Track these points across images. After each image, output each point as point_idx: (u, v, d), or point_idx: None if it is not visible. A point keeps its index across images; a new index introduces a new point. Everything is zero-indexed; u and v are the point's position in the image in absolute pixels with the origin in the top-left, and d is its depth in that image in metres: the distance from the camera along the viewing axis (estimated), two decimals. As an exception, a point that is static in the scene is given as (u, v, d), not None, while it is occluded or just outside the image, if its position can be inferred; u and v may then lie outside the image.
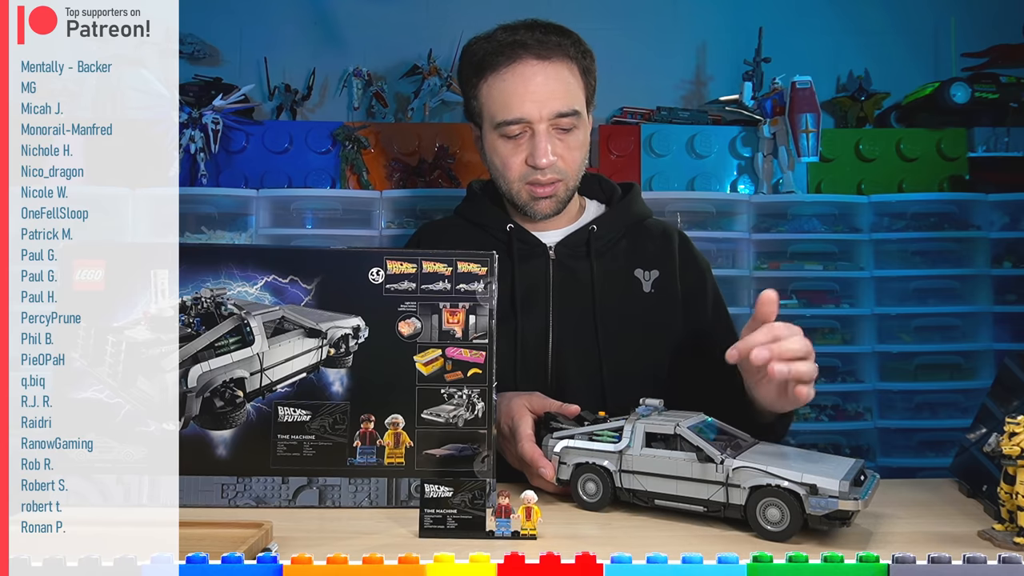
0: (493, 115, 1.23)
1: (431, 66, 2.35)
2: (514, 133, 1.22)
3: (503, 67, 1.21)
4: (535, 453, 0.99)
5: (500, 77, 1.21)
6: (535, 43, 1.20)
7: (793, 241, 2.24)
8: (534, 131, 1.21)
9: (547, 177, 1.23)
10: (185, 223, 2.14)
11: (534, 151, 1.21)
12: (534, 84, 1.20)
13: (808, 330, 1.00)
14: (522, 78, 1.20)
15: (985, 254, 2.23)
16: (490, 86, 1.23)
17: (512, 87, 1.20)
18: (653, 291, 1.30)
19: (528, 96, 1.20)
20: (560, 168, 1.24)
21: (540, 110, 1.20)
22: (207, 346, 0.96)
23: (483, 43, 1.24)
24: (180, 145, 2.12)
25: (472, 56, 1.25)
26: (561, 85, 1.21)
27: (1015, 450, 0.80)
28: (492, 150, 1.26)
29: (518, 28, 1.22)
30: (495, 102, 1.22)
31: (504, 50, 1.21)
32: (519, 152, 1.23)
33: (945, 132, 2.33)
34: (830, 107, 2.46)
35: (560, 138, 1.23)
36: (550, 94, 1.20)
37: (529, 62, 1.20)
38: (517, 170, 1.24)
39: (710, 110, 2.38)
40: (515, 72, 1.20)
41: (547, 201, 1.26)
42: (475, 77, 1.25)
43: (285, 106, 2.38)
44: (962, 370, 2.25)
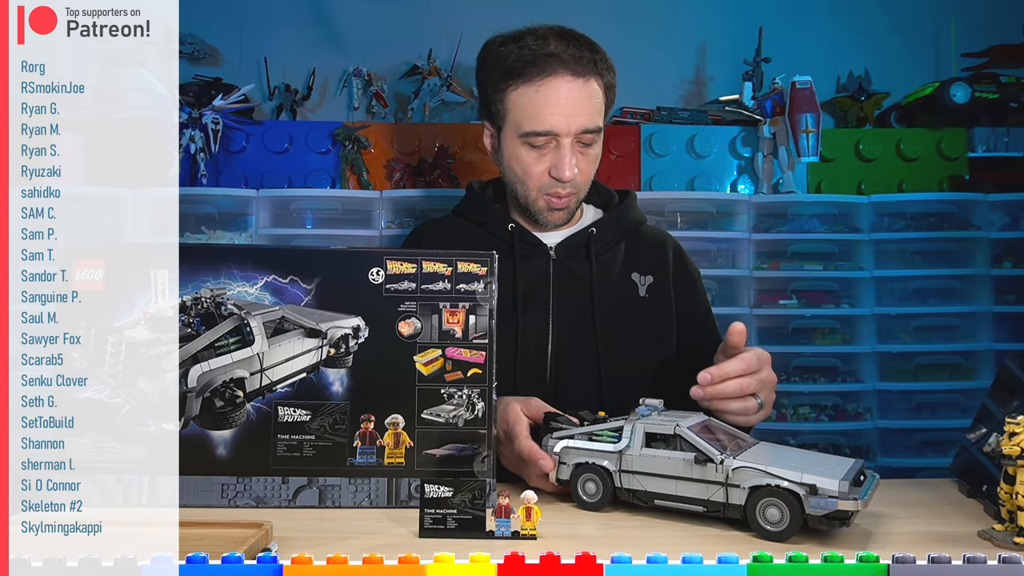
0: (520, 123, 1.23)
1: (431, 66, 2.35)
2: (540, 144, 1.23)
3: (537, 78, 1.21)
4: (533, 448, 1.00)
5: (533, 87, 1.21)
6: (571, 58, 1.20)
7: (793, 241, 2.24)
8: (559, 144, 1.22)
9: (567, 190, 1.25)
10: (185, 223, 2.14)
11: (559, 164, 1.22)
12: (566, 99, 1.20)
13: (808, 330, 1.01)
14: (556, 92, 1.20)
15: (985, 254, 2.23)
16: (520, 94, 1.22)
17: (544, 99, 1.21)
18: (648, 295, 1.33)
19: (559, 110, 1.20)
20: (577, 181, 1.25)
21: (569, 125, 1.21)
22: (207, 346, 0.96)
23: (514, 48, 1.23)
24: (180, 145, 2.12)
25: (502, 60, 1.24)
26: (590, 102, 1.22)
27: (1015, 450, 0.80)
28: (513, 156, 1.26)
29: (549, 38, 1.22)
30: (524, 111, 1.22)
31: (539, 61, 1.20)
32: (542, 162, 1.24)
33: (945, 132, 2.33)
34: (830, 107, 2.46)
35: (581, 152, 1.24)
36: (579, 110, 1.21)
37: (565, 77, 1.20)
38: (538, 179, 1.25)
39: (710, 110, 2.38)
40: (549, 85, 1.21)
41: (561, 212, 1.29)
42: (503, 81, 1.24)
43: (285, 106, 2.37)
44: (962, 370, 2.25)
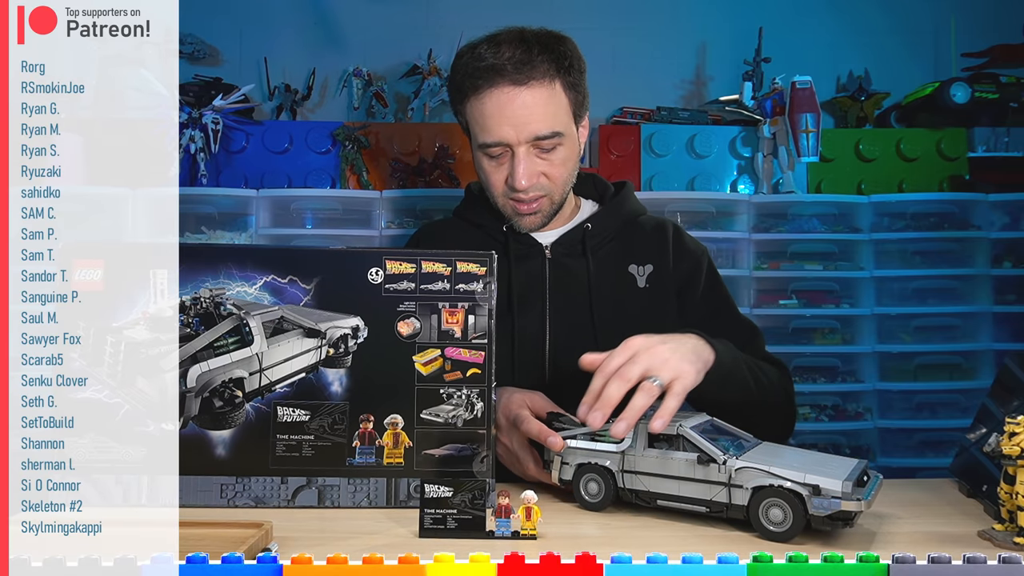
0: (476, 135, 1.24)
1: (431, 66, 2.35)
2: (496, 154, 1.23)
3: (482, 91, 1.20)
4: (541, 427, 0.99)
5: (480, 100, 1.21)
6: (512, 67, 1.18)
7: (793, 241, 2.24)
8: (514, 152, 1.21)
9: (529, 195, 1.24)
10: (185, 223, 2.14)
11: (513, 173, 1.22)
12: (510, 109, 1.19)
13: (808, 330, 1.00)
14: (498, 104, 1.19)
15: (985, 254, 2.23)
16: (471, 107, 1.22)
17: (490, 111, 1.20)
18: (647, 286, 1.31)
19: (505, 120, 1.19)
20: (543, 185, 1.24)
21: (518, 134, 1.19)
22: (206, 346, 0.96)
23: (468, 59, 1.22)
24: (180, 145, 2.12)
25: (456, 73, 1.25)
26: (539, 108, 1.19)
27: (1015, 450, 0.80)
28: (478, 166, 1.28)
29: (502, 44, 1.20)
30: (476, 123, 1.23)
31: (482, 74, 1.19)
32: (501, 171, 1.24)
33: (945, 132, 2.33)
34: (830, 107, 2.46)
35: (543, 157, 1.23)
36: (528, 118, 1.19)
37: (504, 88, 1.18)
38: (499, 187, 1.25)
39: (710, 110, 2.38)
40: (492, 97, 1.19)
41: (530, 217, 1.27)
42: (458, 94, 1.25)
43: (285, 106, 2.37)
44: (962, 370, 2.25)
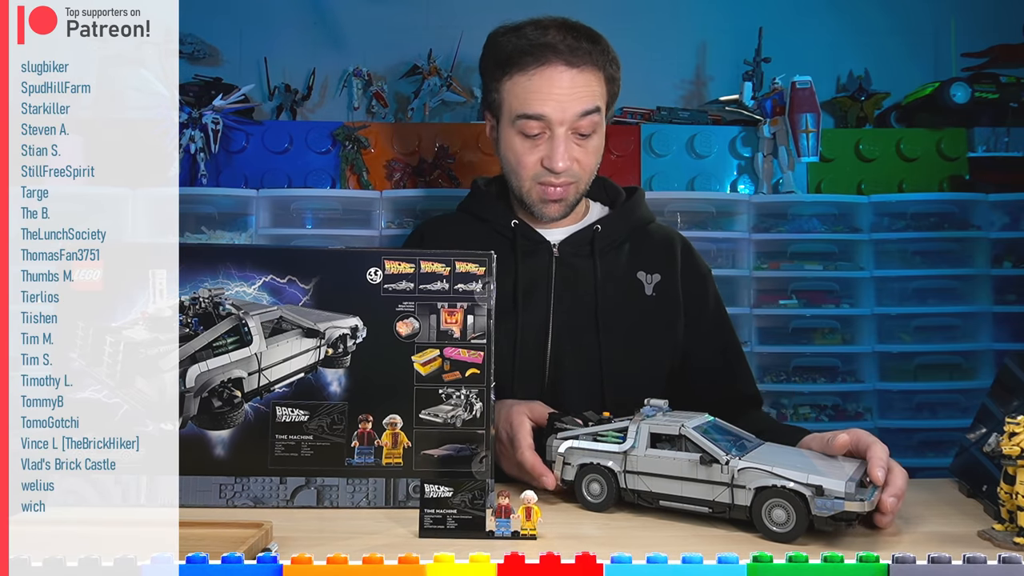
0: (513, 109, 1.23)
1: (431, 66, 2.35)
2: (533, 132, 1.22)
3: (531, 67, 1.20)
4: (536, 461, 0.99)
5: (527, 76, 1.21)
6: (566, 48, 1.20)
7: (793, 241, 2.24)
8: (553, 133, 1.21)
9: (560, 180, 1.24)
10: (185, 223, 2.14)
11: (551, 153, 1.21)
12: (559, 87, 1.20)
13: (808, 330, 1.00)
14: (548, 81, 1.20)
15: (985, 254, 2.22)
16: (515, 83, 1.22)
17: (537, 87, 1.20)
18: (655, 294, 1.31)
19: (552, 97, 1.20)
20: (575, 171, 1.24)
21: (562, 112, 1.20)
22: (205, 346, 0.96)
23: (512, 38, 1.23)
24: (180, 145, 2.12)
25: (499, 49, 1.24)
26: (586, 90, 1.21)
27: (1015, 450, 0.80)
28: (508, 146, 1.26)
29: (549, 28, 1.22)
30: (517, 98, 1.22)
31: (534, 51, 1.20)
32: (535, 152, 1.24)
33: (945, 132, 2.33)
34: (830, 107, 2.46)
35: (578, 143, 1.23)
36: (573, 97, 1.20)
37: (558, 66, 1.20)
38: (531, 168, 1.24)
39: (710, 110, 2.38)
40: (542, 74, 1.20)
41: (556, 205, 1.27)
42: (499, 71, 1.24)
43: (285, 106, 2.37)
44: (962, 370, 2.25)
